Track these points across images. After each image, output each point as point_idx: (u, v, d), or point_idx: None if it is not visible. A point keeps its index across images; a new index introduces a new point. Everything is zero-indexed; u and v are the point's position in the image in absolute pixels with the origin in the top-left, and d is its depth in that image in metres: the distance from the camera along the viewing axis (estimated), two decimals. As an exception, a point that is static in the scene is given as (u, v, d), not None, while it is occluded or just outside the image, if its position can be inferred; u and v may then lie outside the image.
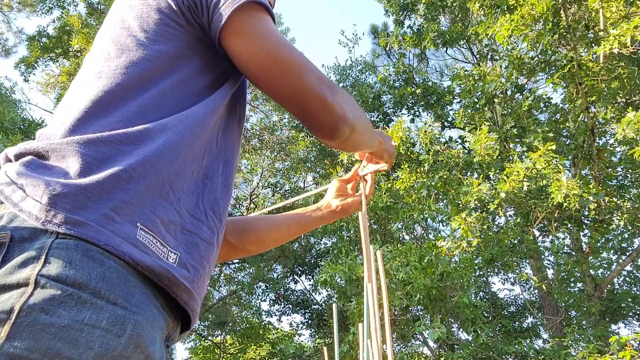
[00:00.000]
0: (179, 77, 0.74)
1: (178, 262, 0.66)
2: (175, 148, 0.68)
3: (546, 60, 7.59)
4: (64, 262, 0.54)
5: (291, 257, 12.46)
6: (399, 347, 9.00)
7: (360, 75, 13.15)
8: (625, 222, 7.95)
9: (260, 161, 13.21)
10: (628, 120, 6.12)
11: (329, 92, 0.78)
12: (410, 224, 8.80)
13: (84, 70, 0.76)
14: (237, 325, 13.27)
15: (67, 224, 0.57)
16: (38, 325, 0.50)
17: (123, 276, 0.57)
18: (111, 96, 0.69)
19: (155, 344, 0.59)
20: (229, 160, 0.81)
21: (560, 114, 8.58)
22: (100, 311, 0.53)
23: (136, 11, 0.76)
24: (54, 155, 0.64)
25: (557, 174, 6.41)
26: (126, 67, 0.71)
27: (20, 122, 8.66)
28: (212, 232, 0.75)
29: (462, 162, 8.00)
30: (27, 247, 0.55)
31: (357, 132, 0.84)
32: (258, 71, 0.76)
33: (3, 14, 12.79)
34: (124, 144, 0.64)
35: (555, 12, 7.29)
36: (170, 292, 0.63)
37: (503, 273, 10.86)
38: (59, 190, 0.58)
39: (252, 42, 0.75)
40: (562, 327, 8.26)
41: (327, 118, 0.78)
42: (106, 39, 0.77)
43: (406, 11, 10.53)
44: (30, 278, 0.52)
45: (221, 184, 0.78)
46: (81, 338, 0.51)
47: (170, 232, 0.66)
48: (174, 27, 0.75)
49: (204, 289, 0.72)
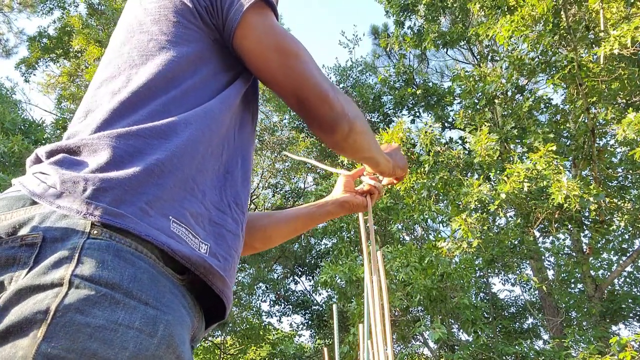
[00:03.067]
0: (200, 77, 0.77)
1: (209, 252, 0.68)
2: (196, 145, 0.70)
3: (546, 61, 7.58)
4: (96, 263, 0.55)
5: (291, 257, 12.46)
6: (400, 348, 9.00)
7: (360, 76, 13.16)
8: (625, 223, 7.94)
9: (261, 162, 13.22)
10: (628, 121, 6.12)
11: (330, 88, 0.81)
12: (410, 225, 8.80)
13: (105, 74, 0.77)
14: (237, 326, 13.25)
15: (109, 215, 0.58)
16: (74, 326, 0.50)
17: (153, 277, 0.58)
18: (137, 97, 0.71)
19: (185, 343, 0.60)
20: (246, 156, 0.83)
21: (560, 114, 8.57)
22: (133, 311, 0.54)
23: (154, 15, 0.78)
24: (85, 150, 0.65)
25: (558, 174, 6.41)
26: (151, 71, 0.73)
27: (21, 122, 8.67)
28: (236, 224, 0.77)
29: (462, 162, 8.00)
30: (60, 247, 0.55)
31: (356, 132, 0.86)
32: (265, 63, 0.79)
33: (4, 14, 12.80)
34: (152, 137, 0.66)
35: (555, 13, 7.29)
36: (206, 280, 0.65)
37: (503, 274, 10.86)
38: (98, 184, 0.60)
39: (260, 37, 0.79)
40: (562, 328, 8.25)
41: (327, 112, 0.81)
42: (127, 44, 0.78)
43: (406, 12, 10.54)
44: (64, 278, 0.53)
45: (241, 178, 0.80)
46: (116, 338, 0.51)
47: (199, 224, 0.68)
48: (192, 29, 0.78)
49: (234, 278, 0.74)
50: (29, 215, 0.58)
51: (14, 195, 0.62)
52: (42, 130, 8.88)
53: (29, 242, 0.55)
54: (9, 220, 0.59)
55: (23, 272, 0.54)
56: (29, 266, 0.54)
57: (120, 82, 0.73)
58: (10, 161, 7.32)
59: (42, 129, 8.98)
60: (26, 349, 0.48)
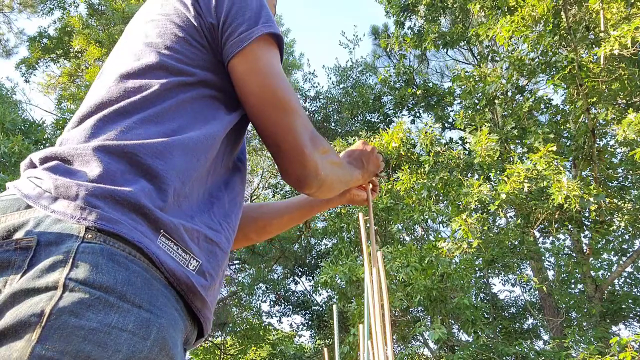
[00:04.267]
0: (197, 94, 0.77)
1: (198, 270, 0.67)
2: (188, 171, 0.71)
3: (547, 61, 7.59)
4: (91, 266, 0.55)
5: (291, 258, 12.46)
6: (400, 348, 8.99)
7: (360, 76, 13.17)
8: (625, 223, 7.94)
9: (261, 162, 13.23)
10: (629, 122, 6.12)
11: (309, 144, 0.80)
12: (410, 225, 8.80)
13: (105, 80, 0.77)
14: (238, 326, 13.26)
15: (102, 220, 0.59)
16: (68, 328, 0.50)
17: (147, 280, 0.59)
18: (132, 106, 0.72)
19: (177, 346, 0.60)
20: (230, 181, 0.83)
21: (560, 115, 8.57)
22: (126, 314, 0.54)
23: (160, 28, 0.79)
24: (78, 161, 0.65)
25: (558, 175, 6.41)
26: (148, 84, 0.74)
27: (21, 123, 8.66)
28: (228, 243, 0.77)
29: (462, 163, 8.00)
30: (54, 250, 0.55)
31: (325, 186, 0.86)
32: (252, 102, 0.79)
33: (4, 14, 12.81)
34: (145, 156, 0.67)
35: (555, 14, 7.29)
36: (186, 297, 0.65)
37: (503, 274, 10.86)
38: (90, 190, 0.60)
39: (255, 74, 0.78)
40: (562, 329, 8.25)
41: (298, 169, 0.80)
42: (129, 54, 0.79)
43: (407, 12, 10.54)
44: (59, 281, 0.53)
45: (228, 201, 0.80)
46: (109, 341, 0.52)
47: (193, 240, 0.68)
48: (196, 46, 0.78)
49: (216, 297, 0.74)
50: (23, 219, 0.59)
51: (9, 198, 0.62)
52: (42, 130, 8.88)
53: (23, 245, 0.56)
54: (4, 224, 0.59)
55: (17, 275, 0.54)
56: (23, 269, 0.54)
57: (118, 92, 0.73)
58: (10, 161, 7.32)
59: (43, 130, 8.98)
60: (20, 350, 0.49)
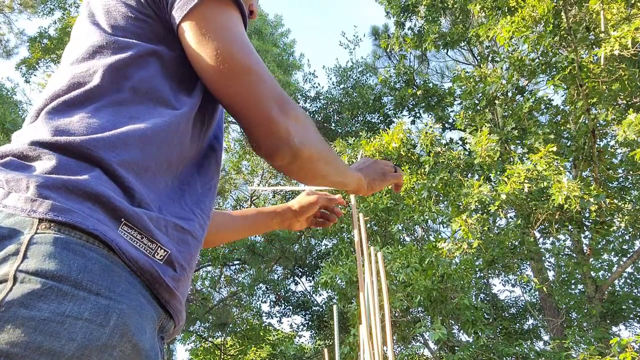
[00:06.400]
0: (153, 71, 0.72)
1: (165, 260, 0.65)
2: (147, 161, 0.68)
3: (547, 62, 7.59)
4: (43, 256, 0.54)
5: (292, 258, 12.45)
6: (400, 349, 8.99)
7: (361, 76, 13.17)
8: (626, 223, 7.95)
9: (261, 162, 13.23)
10: (629, 122, 6.12)
11: (275, 107, 0.72)
12: (410, 226, 8.80)
13: (60, 70, 0.75)
14: (238, 327, 13.26)
15: (53, 210, 0.57)
16: (18, 320, 0.50)
17: (106, 267, 0.57)
18: (83, 95, 0.68)
19: (145, 333, 0.59)
20: (203, 164, 0.79)
21: (561, 115, 8.58)
22: (82, 302, 0.53)
23: (103, 5, 0.75)
24: (30, 156, 0.64)
25: (558, 175, 6.41)
26: (95, 66, 0.70)
27: (22, 123, 8.67)
28: (202, 231, 0.74)
29: (462, 163, 8.00)
30: (6, 244, 0.54)
31: (302, 159, 0.77)
32: (206, 70, 0.71)
33: (4, 15, 12.81)
34: (97, 149, 0.64)
35: (556, 14, 7.30)
36: (152, 288, 0.62)
37: (504, 275, 10.86)
38: (41, 182, 0.59)
39: (205, 39, 0.71)
40: (562, 329, 8.25)
41: (267, 138, 0.73)
42: (80, 37, 0.76)
43: (407, 13, 10.54)
44: (8, 274, 0.52)
45: (201, 187, 0.77)
46: (63, 330, 0.51)
47: (160, 229, 0.66)
48: (142, 19, 0.74)
49: (187, 287, 0.71)
50: None
51: None
52: (42, 130, 8.88)
53: None
54: None
55: None
56: None
57: (68, 80, 0.70)
58: (10, 162, 7.33)
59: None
60: None
